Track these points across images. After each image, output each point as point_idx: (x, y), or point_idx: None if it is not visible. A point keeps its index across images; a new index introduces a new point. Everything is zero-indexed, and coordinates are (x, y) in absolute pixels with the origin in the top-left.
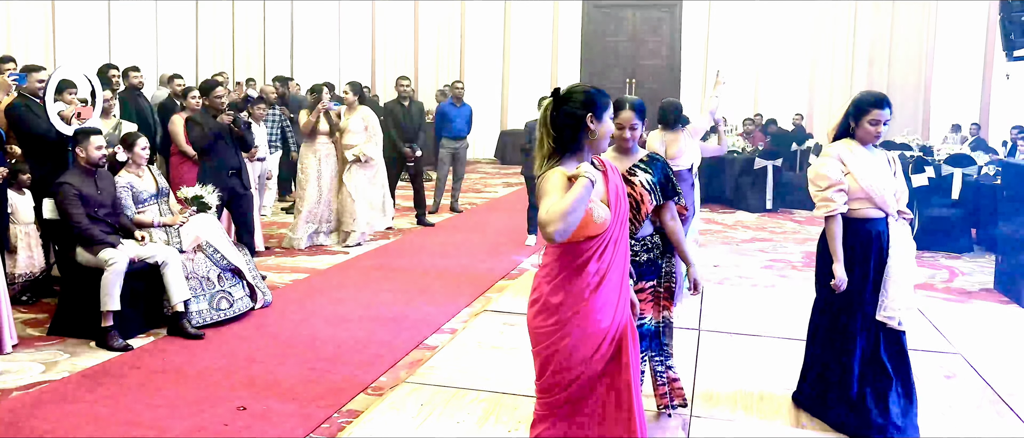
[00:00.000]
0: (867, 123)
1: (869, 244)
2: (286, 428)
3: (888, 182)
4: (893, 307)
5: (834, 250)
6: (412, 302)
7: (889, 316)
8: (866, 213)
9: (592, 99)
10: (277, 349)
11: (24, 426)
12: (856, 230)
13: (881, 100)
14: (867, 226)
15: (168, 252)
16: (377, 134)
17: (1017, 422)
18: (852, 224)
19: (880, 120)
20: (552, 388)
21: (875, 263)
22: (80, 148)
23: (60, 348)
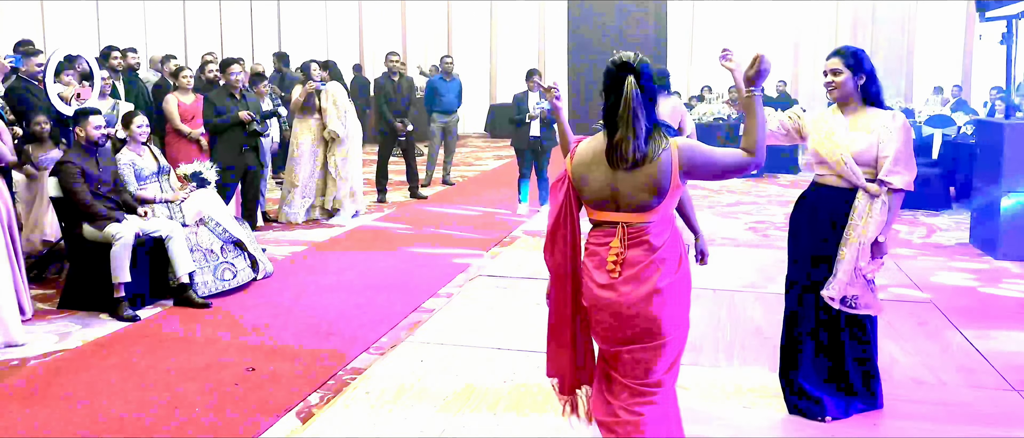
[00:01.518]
0: (822, 76)
1: (830, 215)
2: (294, 386)
3: (850, 149)
4: (836, 286)
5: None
6: (408, 270)
7: (830, 296)
8: (828, 180)
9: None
10: (280, 316)
11: (44, 392)
12: (818, 198)
13: (831, 52)
14: (831, 194)
15: (172, 226)
16: (347, 111)
17: (983, 362)
18: (816, 190)
19: (826, 70)
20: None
21: (831, 238)
22: (79, 128)
23: (71, 320)
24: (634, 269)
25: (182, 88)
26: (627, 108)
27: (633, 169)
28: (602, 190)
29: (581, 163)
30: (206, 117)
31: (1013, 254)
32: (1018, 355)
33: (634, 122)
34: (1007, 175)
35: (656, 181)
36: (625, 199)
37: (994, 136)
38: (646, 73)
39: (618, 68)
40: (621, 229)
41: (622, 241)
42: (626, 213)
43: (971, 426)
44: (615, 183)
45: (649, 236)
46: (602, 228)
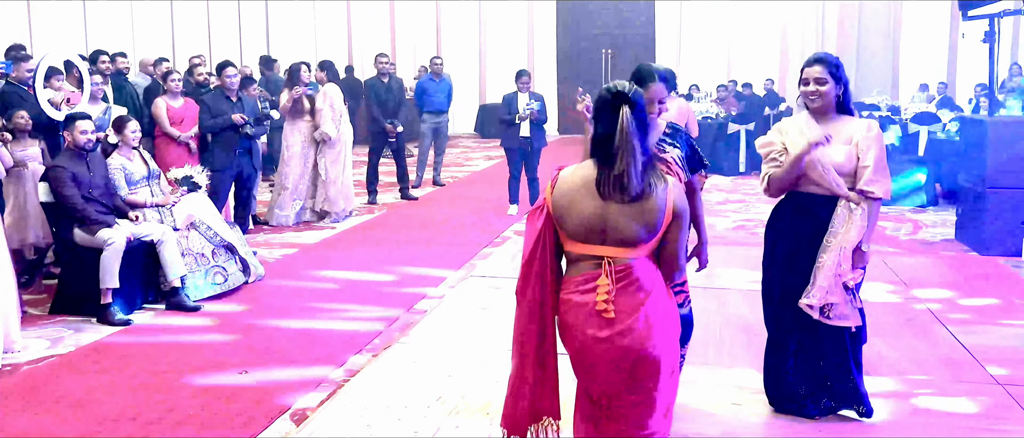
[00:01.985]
0: (800, 85)
1: (811, 224)
2: (287, 388)
3: (832, 159)
4: (816, 294)
5: (791, 163)
6: (400, 272)
7: (810, 303)
8: (806, 188)
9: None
10: (273, 318)
11: (37, 396)
12: (797, 206)
13: (812, 59)
14: (809, 203)
15: (163, 230)
16: (343, 114)
17: (968, 357)
18: (794, 198)
19: (809, 78)
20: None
21: (813, 245)
22: (67, 132)
23: (63, 325)
24: (631, 317)
25: (170, 92)
26: (624, 139)
27: (629, 202)
28: (589, 221)
29: (566, 192)
30: (201, 120)
31: (998, 250)
32: (1002, 350)
33: (632, 154)
34: (991, 171)
35: (651, 216)
36: (614, 232)
37: (978, 133)
38: (639, 104)
39: (613, 97)
40: (606, 265)
41: (610, 278)
42: (613, 248)
43: (956, 421)
44: (606, 215)
45: (638, 275)
46: (583, 267)
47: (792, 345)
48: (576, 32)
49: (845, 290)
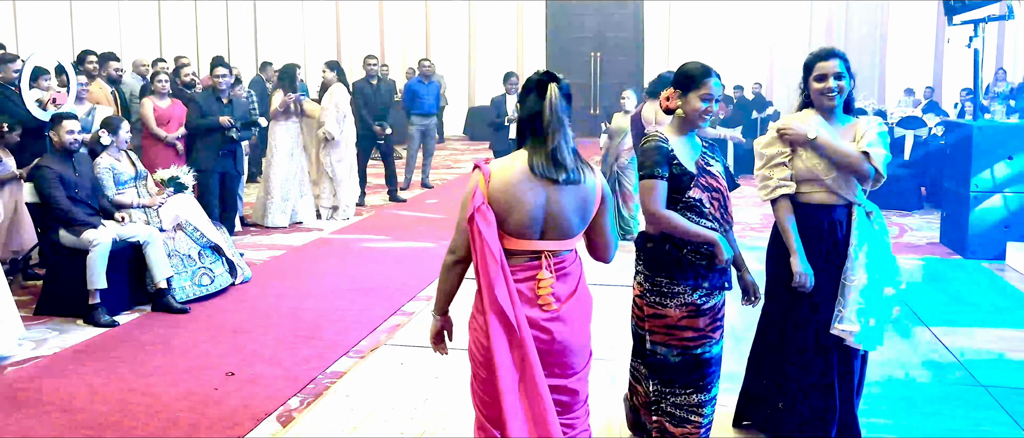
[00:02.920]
0: (814, 81)
1: (820, 238)
2: (274, 389)
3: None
4: (854, 318)
5: (787, 240)
6: (388, 273)
7: (848, 330)
8: (816, 197)
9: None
10: (259, 320)
11: (23, 398)
12: (804, 218)
13: (826, 52)
14: (819, 214)
15: (149, 231)
16: (347, 114)
17: (951, 358)
18: (800, 210)
19: (826, 73)
20: None
21: (829, 262)
22: (54, 133)
23: (48, 326)
24: (568, 305)
25: (157, 92)
26: (553, 114)
27: (569, 185)
28: (532, 216)
29: (504, 186)
30: (189, 120)
31: (982, 253)
32: (985, 352)
33: (561, 129)
34: (976, 175)
35: (585, 203)
36: (554, 223)
37: (963, 137)
38: (567, 91)
39: (541, 77)
40: (546, 259)
41: (551, 272)
42: (551, 241)
43: (940, 423)
44: (548, 206)
45: (571, 268)
46: (520, 259)
47: (810, 379)
48: (566, 34)
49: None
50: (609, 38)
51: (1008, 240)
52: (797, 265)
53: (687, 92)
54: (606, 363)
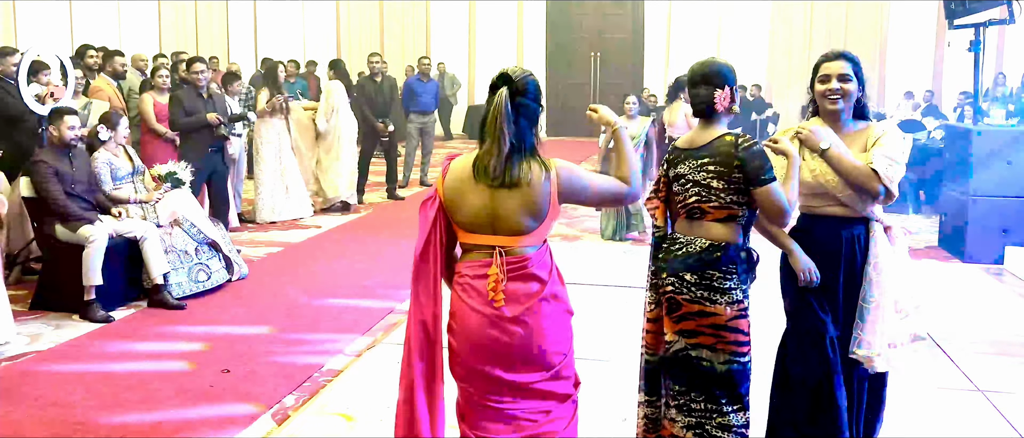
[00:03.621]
0: (818, 82)
1: (835, 255)
2: (269, 387)
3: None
4: (875, 342)
5: (782, 243)
6: (384, 272)
7: (869, 354)
8: (830, 210)
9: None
10: (256, 317)
11: (16, 393)
12: (817, 233)
13: (834, 54)
14: (834, 228)
15: (146, 227)
16: (337, 109)
17: (949, 364)
18: (814, 224)
19: (830, 74)
20: None
21: (845, 279)
22: (53, 127)
23: (43, 321)
24: (524, 305)
25: (157, 88)
26: (492, 121)
27: (510, 188)
28: (479, 211)
29: (455, 181)
30: (173, 117)
31: (980, 257)
32: (983, 357)
33: (499, 137)
34: (975, 179)
35: (535, 204)
36: (502, 222)
37: (962, 141)
38: (530, 91)
39: (498, 78)
40: (497, 255)
41: (500, 268)
42: (502, 236)
43: (936, 427)
44: (492, 204)
45: (531, 267)
46: (475, 256)
47: (829, 403)
48: (566, 34)
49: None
50: (608, 38)
51: (1007, 244)
52: (798, 262)
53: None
54: (606, 365)
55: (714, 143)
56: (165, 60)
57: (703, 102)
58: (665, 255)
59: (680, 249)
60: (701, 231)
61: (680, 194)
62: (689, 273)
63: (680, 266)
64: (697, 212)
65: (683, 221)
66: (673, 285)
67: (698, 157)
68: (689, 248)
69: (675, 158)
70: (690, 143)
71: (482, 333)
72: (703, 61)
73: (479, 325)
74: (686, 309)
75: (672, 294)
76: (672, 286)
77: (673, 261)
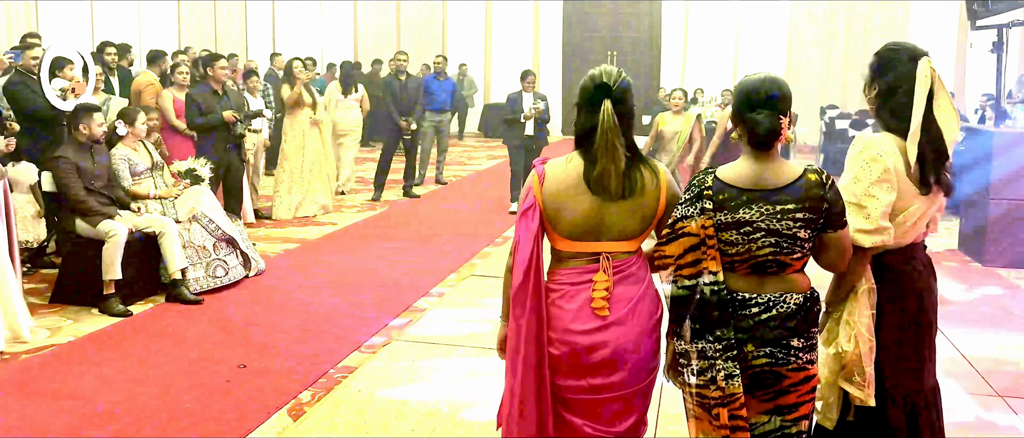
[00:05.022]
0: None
1: (921, 286)
2: (285, 383)
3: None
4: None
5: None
6: (400, 269)
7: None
8: (908, 237)
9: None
10: (272, 313)
11: (35, 386)
12: (902, 263)
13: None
14: (915, 257)
15: (165, 222)
16: (329, 105)
17: (969, 369)
18: (900, 254)
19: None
20: None
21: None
22: (83, 125)
23: (62, 315)
24: (626, 306)
25: (178, 84)
26: (604, 139)
27: (622, 199)
28: (585, 220)
29: (557, 190)
30: (190, 115)
31: (1000, 261)
32: (1003, 362)
33: (613, 155)
34: (995, 182)
35: (647, 210)
36: (610, 228)
37: (983, 143)
38: (629, 96)
39: (595, 89)
40: (605, 260)
41: (608, 274)
42: (609, 242)
43: (955, 432)
44: (602, 212)
45: (635, 267)
46: (576, 263)
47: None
48: (582, 32)
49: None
50: (625, 37)
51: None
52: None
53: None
54: None
55: (798, 184)
56: (185, 57)
57: (766, 131)
58: (743, 322)
59: (765, 312)
60: (782, 285)
61: (742, 245)
62: (797, 338)
63: (779, 332)
64: (772, 266)
65: (745, 277)
66: (771, 356)
67: (774, 201)
68: (780, 308)
69: (730, 200)
70: (755, 182)
71: (582, 339)
72: (760, 78)
73: (580, 332)
74: (791, 380)
75: (768, 366)
76: (768, 358)
77: (763, 328)
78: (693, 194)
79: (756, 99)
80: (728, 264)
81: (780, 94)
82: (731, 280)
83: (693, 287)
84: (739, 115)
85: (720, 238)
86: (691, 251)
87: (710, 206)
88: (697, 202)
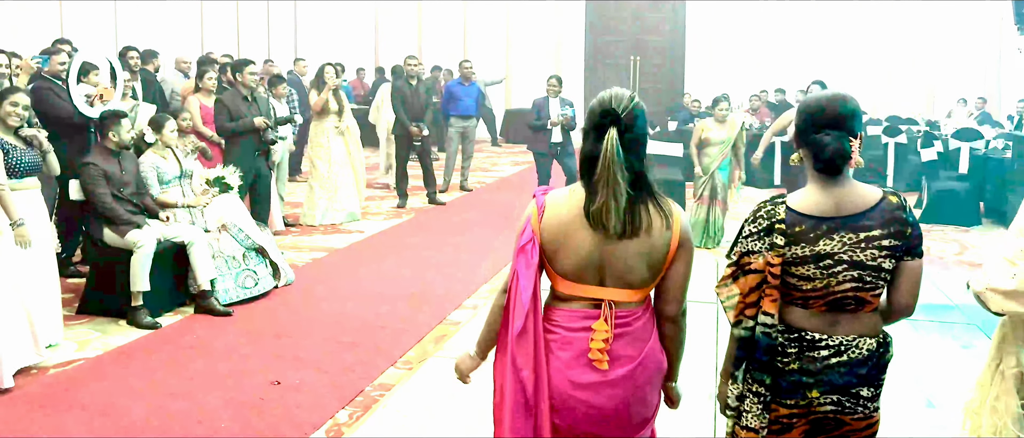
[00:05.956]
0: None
1: None
2: (321, 401)
3: None
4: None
5: None
6: (431, 279)
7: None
8: None
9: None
10: (303, 325)
11: (65, 401)
12: None
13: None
14: None
15: (194, 232)
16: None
17: None
18: None
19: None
20: None
21: None
22: (112, 132)
23: (90, 327)
24: (626, 367)
25: (206, 90)
26: (605, 170)
27: (630, 237)
28: (586, 260)
29: (556, 223)
30: (221, 121)
31: None
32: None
33: (614, 189)
34: None
35: (653, 255)
36: (613, 272)
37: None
38: (639, 123)
39: (601, 114)
40: (607, 308)
41: (609, 324)
42: (612, 289)
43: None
44: (603, 252)
45: (640, 323)
46: (575, 306)
47: None
48: (604, 36)
49: None
50: (648, 41)
51: None
52: None
53: None
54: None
55: (880, 208)
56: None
57: (838, 154)
58: (809, 365)
59: (835, 356)
60: (856, 327)
61: (819, 280)
62: (866, 387)
63: (848, 379)
64: (850, 303)
65: (819, 315)
66: (838, 404)
67: (857, 229)
68: (852, 354)
69: (807, 232)
70: (834, 209)
71: (577, 393)
72: (827, 96)
73: (574, 385)
74: (853, 428)
75: (832, 414)
76: (834, 406)
77: (831, 373)
78: (762, 227)
79: (822, 119)
80: (801, 300)
81: (849, 112)
82: (801, 318)
83: (755, 328)
84: (803, 137)
85: (793, 273)
86: (756, 289)
87: (781, 241)
88: (766, 236)
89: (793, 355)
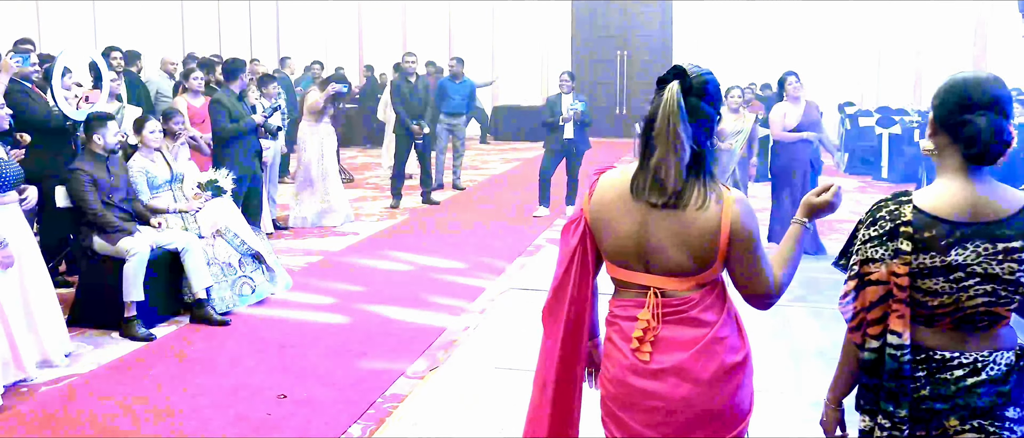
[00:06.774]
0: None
1: None
2: (331, 416)
3: None
4: None
5: None
6: (432, 282)
7: None
8: None
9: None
10: (305, 334)
11: (59, 419)
12: None
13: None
14: None
15: (188, 238)
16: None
17: None
18: None
19: None
20: None
21: None
22: (97, 135)
23: (83, 339)
24: (678, 355)
25: (191, 90)
26: (665, 121)
27: (671, 210)
28: (626, 242)
29: (604, 202)
30: (220, 122)
31: None
32: None
33: (675, 143)
34: None
35: (698, 238)
36: (656, 257)
37: None
38: (709, 92)
39: (669, 71)
40: (652, 297)
41: (654, 313)
42: (659, 277)
43: None
44: (644, 233)
45: (696, 313)
46: (626, 295)
47: None
48: (591, 34)
49: None
50: (636, 37)
51: None
52: None
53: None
54: None
55: (1022, 217)
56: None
57: (995, 142)
58: (942, 388)
59: (972, 376)
60: (989, 342)
61: (948, 295)
62: (1012, 408)
63: (990, 400)
64: (982, 320)
65: (947, 332)
66: (981, 429)
67: (994, 239)
68: (991, 371)
69: (939, 239)
70: (972, 214)
71: (628, 385)
72: (980, 76)
73: (625, 375)
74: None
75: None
76: (976, 433)
77: (969, 395)
78: (885, 231)
79: (976, 100)
80: (925, 317)
81: (1006, 95)
82: (927, 336)
83: (881, 349)
84: (948, 119)
85: (918, 287)
86: (879, 304)
87: (909, 248)
88: (890, 241)
89: (922, 379)
